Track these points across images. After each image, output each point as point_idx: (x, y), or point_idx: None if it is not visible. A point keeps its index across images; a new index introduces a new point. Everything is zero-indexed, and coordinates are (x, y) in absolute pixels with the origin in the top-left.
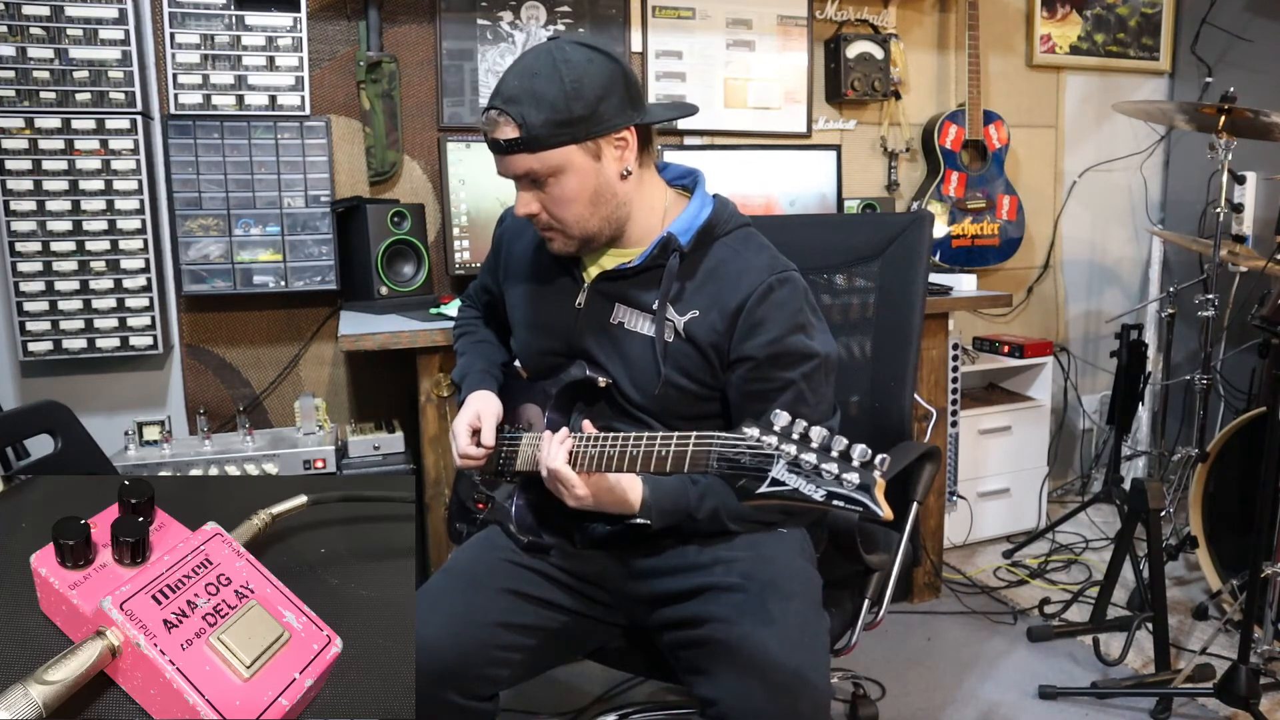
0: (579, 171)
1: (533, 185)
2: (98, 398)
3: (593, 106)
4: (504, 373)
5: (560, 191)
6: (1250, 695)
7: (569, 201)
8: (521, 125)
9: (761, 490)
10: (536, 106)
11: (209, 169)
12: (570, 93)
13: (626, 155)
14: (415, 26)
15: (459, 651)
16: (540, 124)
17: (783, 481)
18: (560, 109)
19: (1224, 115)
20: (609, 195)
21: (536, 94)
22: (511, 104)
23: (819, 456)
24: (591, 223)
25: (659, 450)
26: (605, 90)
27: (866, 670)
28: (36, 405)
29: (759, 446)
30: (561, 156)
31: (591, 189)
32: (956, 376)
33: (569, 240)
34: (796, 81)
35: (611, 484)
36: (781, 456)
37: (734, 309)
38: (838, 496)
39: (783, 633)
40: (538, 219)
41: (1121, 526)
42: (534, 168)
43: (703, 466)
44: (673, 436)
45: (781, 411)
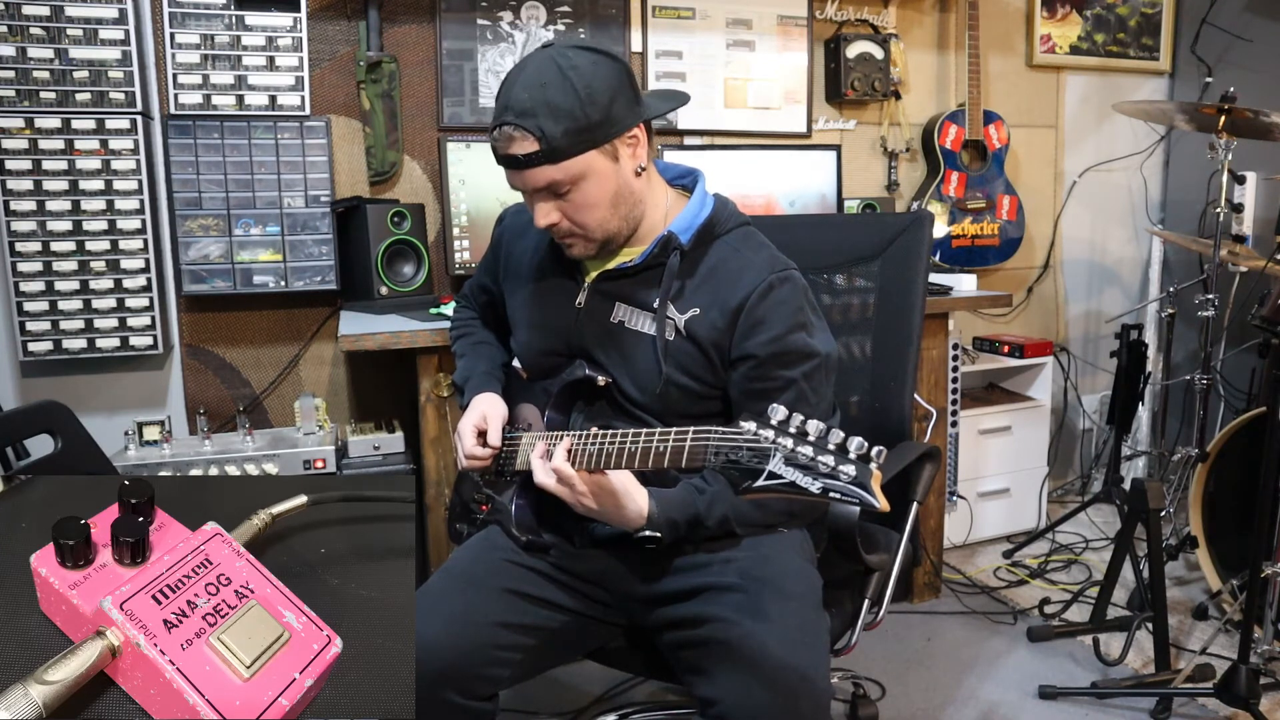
0: (600, 176)
1: (552, 196)
2: (98, 398)
3: (606, 110)
4: (506, 373)
5: (583, 198)
6: (1250, 695)
7: (592, 207)
8: (541, 138)
9: (758, 484)
10: (553, 117)
11: (209, 169)
12: (584, 99)
13: (639, 152)
14: (415, 26)
15: (459, 651)
16: (560, 134)
17: (779, 475)
18: (578, 117)
19: (1224, 115)
20: (627, 194)
21: (551, 104)
22: (526, 117)
23: (815, 449)
24: (613, 224)
25: (657, 446)
26: (615, 92)
27: (866, 670)
28: (36, 405)
29: (756, 440)
30: (583, 164)
31: (612, 191)
32: (956, 376)
33: (590, 244)
34: (796, 81)
35: (615, 487)
36: (778, 450)
37: (735, 307)
38: (834, 489)
39: (783, 632)
40: (558, 228)
41: (1121, 526)
42: (557, 178)
43: (700, 461)
44: (670, 432)
45: (779, 405)
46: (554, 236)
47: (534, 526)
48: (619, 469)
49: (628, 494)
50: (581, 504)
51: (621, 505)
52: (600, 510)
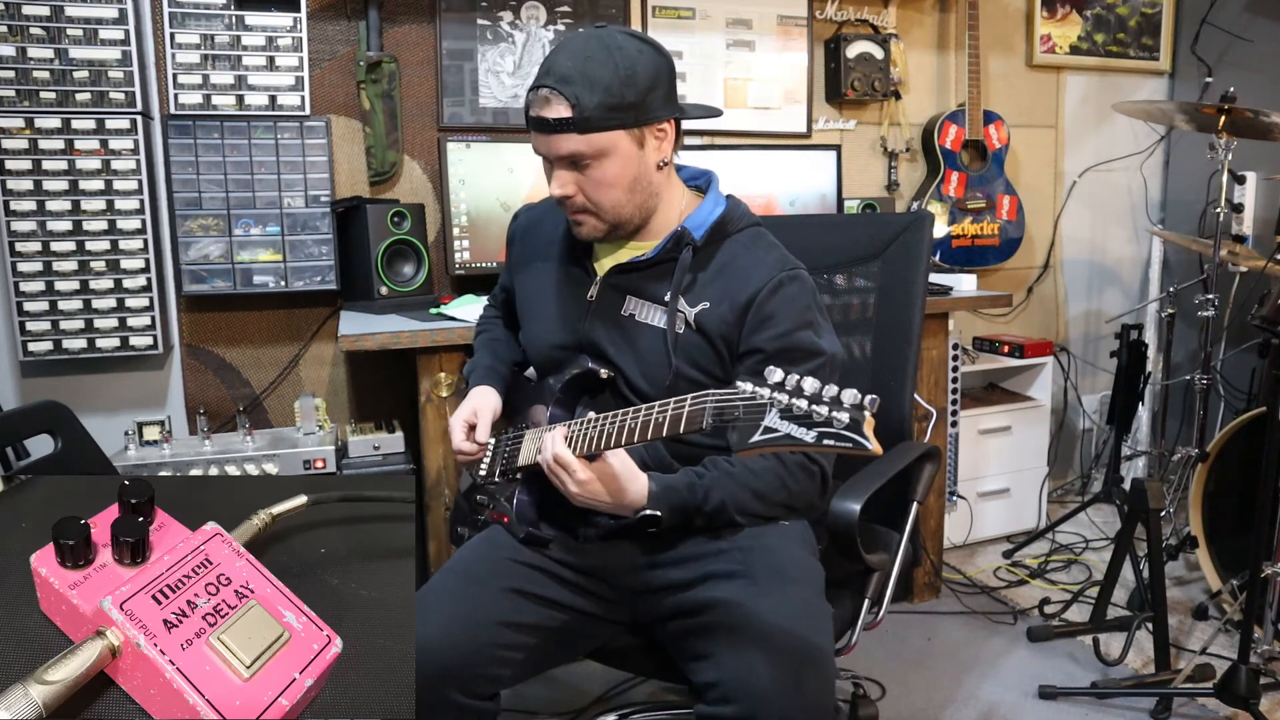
0: (623, 157)
1: (572, 167)
2: (98, 398)
3: (643, 95)
4: (514, 372)
5: (602, 175)
6: (1250, 695)
7: (609, 186)
8: (575, 105)
9: (754, 440)
10: (590, 89)
11: (209, 169)
12: (624, 79)
13: (664, 146)
14: (415, 26)
15: (460, 651)
16: (594, 106)
17: (775, 429)
18: (614, 93)
19: (1224, 115)
20: (645, 183)
21: (590, 76)
22: (565, 84)
23: (810, 402)
24: (626, 209)
25: (655, 417)
26: (654, 81)
27: (866, 670)
28: (36, 405)
29: (753, 398)
30: (608, 140)
31: (632, 175)
32: (956, 376)
33: (600, 225)
34: (796, 81)
35: (616, 470)
36: (774, 405)
37: (744, 302)
38: (829, 435)
39: (786, 613)
40: (572, 201)
41: (1121, 526)
42: (580, 149)
43: (699, 424)
44: (669, 402)
45: (776, 368)
46: (566, 211)
47: (534, 520)
48: (619, 447)
49: (628, 476)
50: (584, 491)
51: (623, 488)
52: (601, 495)
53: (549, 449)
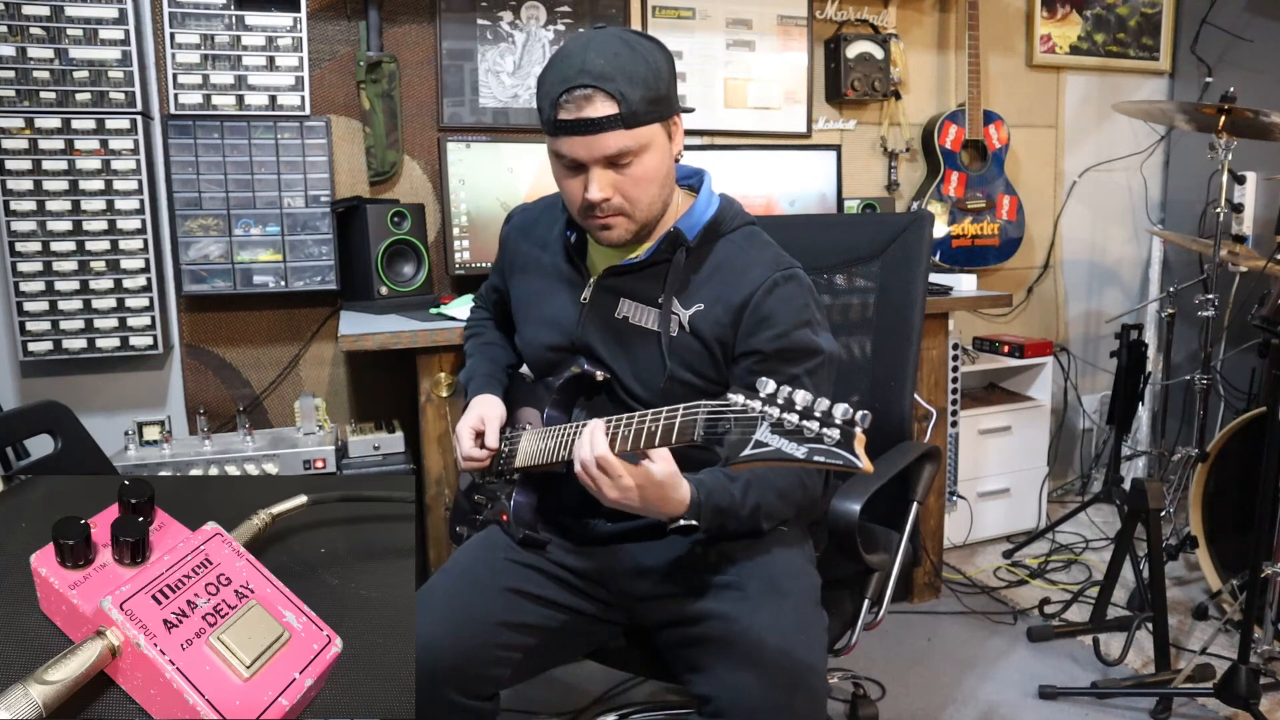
0: (660, 150)
1: (610, 166)
2: (98, 398)
3: (669, 86)
4: (509, 375)
5: (643, 170)
6: (1250, 695)
7: (649, 181)
8: (621, 100)
9: (745, 454)
10: (631, 83)
11: (209, 169)
12: (654, 72)
13: (679, 140)
14: (415, 26)
15: (459, 651)
16: (638, 99)
17: (766, 443)
18: (652, 86)
19: (1224, 115)
20: (670, 178)
21: (628, 72)
22: (606, 80)
23: (801, 417)
24: (656, 206)
25: (648, 427)
26: (671, 74)
27: (866, 670)
28: (36, 405)
29: (744, 411)
30: (650, 134)
31: (666, 169)
32: (956, 376)
33: (632, 225)
34: (796, 81)
35: (661, 478)
36: (765, 419)
37: (739, 303)
38: (819, 452)
39: (779, 629)
40: (608, 203)
41: (1121, 526)
42: (628, 145)
43: (690, 436)
44: (661, 411)
45: (769, 380)
46: (594, 217)
47: (531, 523)
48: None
49: (673, 484)
50: (624, 497)
51: (666, 496)
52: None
53: (589, 448)
